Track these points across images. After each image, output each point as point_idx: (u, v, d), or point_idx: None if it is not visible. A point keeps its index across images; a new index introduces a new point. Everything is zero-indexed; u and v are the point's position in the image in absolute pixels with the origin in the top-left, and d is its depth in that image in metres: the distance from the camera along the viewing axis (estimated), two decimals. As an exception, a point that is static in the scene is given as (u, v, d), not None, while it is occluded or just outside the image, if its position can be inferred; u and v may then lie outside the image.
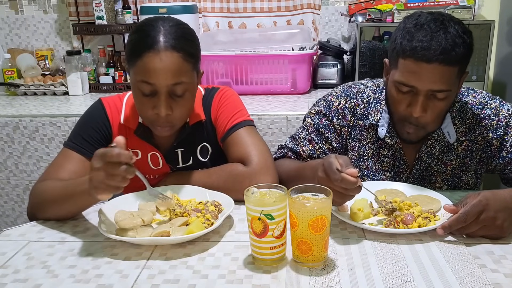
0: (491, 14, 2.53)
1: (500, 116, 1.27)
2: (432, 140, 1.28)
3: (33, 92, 2.60)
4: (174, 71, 1.12)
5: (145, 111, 1.16)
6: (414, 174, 1.32)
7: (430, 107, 1.15)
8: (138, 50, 1.12)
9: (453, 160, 1.31)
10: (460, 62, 1.12)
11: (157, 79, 1.11)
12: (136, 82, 1.14)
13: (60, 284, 0.89)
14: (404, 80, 1.14)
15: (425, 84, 1.12)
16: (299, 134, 1.41)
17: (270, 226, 0.90)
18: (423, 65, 1.10)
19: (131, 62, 1.14)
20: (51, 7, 2.82)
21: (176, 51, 1.11)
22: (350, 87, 1.38)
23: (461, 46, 1.11)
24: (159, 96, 1.13)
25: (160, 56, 1.10)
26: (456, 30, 1.11)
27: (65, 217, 1.15)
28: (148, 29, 1.13)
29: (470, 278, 0.87)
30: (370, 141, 1.34)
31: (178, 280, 0.89)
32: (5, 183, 2.31)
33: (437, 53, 1.09)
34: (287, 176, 1.26)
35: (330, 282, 0.87)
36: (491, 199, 0.98)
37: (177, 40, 1.12)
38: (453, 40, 1.10)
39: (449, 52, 1.09)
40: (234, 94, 1.37)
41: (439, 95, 1.14)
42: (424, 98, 1.14)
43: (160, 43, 1.10)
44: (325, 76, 2.51)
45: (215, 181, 1.23)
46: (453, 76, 1.13)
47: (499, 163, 1.30)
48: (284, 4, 2.68)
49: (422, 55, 1.10)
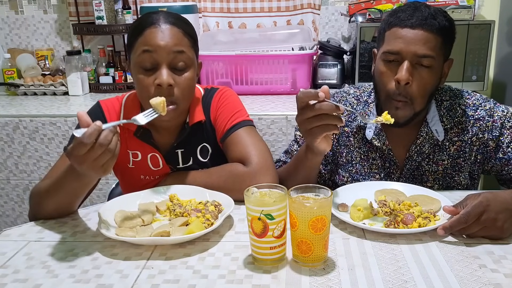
0: (491, 14, 2.53)
1: (495, 117, 1.28)
2: (421, 138, 1.29)
3: (33, 92, 2.61)
4: (175, 40, 1.17)
5: (147, 89, 1.16)
6: (405, 174, 1.33)
7: (416, 76, 1.19)
8: (139, 29, 1.18)
9: (444, 160, 1.31)
10: (443, 33, 1.18)
11: (159, 46, 1.15)
12: (137, 57, 1.16)
13: (60, 284, 0.89)
14: (390, 48, 1.20)
15: (409, 47, 1.17)
16: (291, 148, 1.46)
17: (270, 226, 0.90)
18: (407, 30, 1.18)
19: (132, 43, 1.19)
20: (51, 7, 2.82)
21: (177, 27, 1.18)
22: (333, 97, 1.42)
23: (443, 19, 1.19)
24: (161, 67, 1.16)
25: (161, 29, 1.16)
26: (438, 9, 1.20)
27: (62, 211, 1.15)
28: (148, 14, 1.20)
29: (470, 278, 0.87)
30: (358, 145, 1.36)
31: (178, 280, 0.89)
32: (5, 183, 2.31)
33: (420, 19, 1.17)
34: (286, 171, 1.28)
35: (330, 282, 0.87)
36: (491, 200, 0.99)
37: (176, 19, 1.20)
38: (435, 12, 1.19)
39: (431, 19, 1.17)
40: (233, 94, 1.37)
41: (424, 61, 1.18)
42: (410, 65, 1.18)
43: (160, 20, 1.17)
44: (325, 76, 2.51)
45: (215, 181, 1.23)
46: (437, 45, 1.18)
47: (495, 164, 1.30)
48: (284, 4, 2.68)
49: (406, 22, 1.18)
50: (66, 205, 1.14)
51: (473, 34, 2.17)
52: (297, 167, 1.23)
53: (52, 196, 1.11)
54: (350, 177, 1.38)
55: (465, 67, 2.21)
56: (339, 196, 1.15)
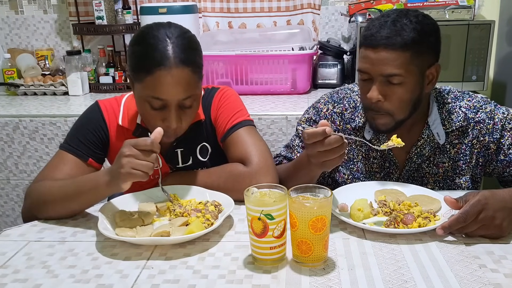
0: (491, 14, 2.52)
1: (496, 120, 1.28)
2: (422, 141, 1.29)
3: (33, 92, 2.60)
4: (185, 86, 1.12)
5: (154, 123, 1.16)
6: (404, 175, 1.33)
7: (388, 93, 1.19)
8: (147, 66, 1.10)
9: (445, 163, 1.31)
10: (410, 47, 1.15)
11: (168, 95, 1.11)
12: (146, 97, 1.13)
13: (60, 284, 0.89)
14: (360, 67, 1.22)
15: (375, 69, 1.17)
16: (292, 142, 1.44)
17: (270, 226, 0.90)
18: (371, 50, 1.17)
19: (139, 76, 1.13)
20: (51, 7, 2.82)
21: (186, 65, 1.11)
22: (337, 93, 1.41)
23: (411, 32, 1.14)
24: (169, 109, 1.14)
25: (171, 72, 1.10)
26: (410, 20, 1.16)
27: (69, 216, 1.16)
28: (154, 42, 1.11)
29: (470, 278, 0.87)
30: (359, 144, 1.36)
31: (178, 280, 0.89)
32: (5, 183, 2.31)
33: (382, 38, 1.15)
34: (285, 173, 1.28)
35: (330, 282, 0.87)
36: (490, 198, 0.99)
37: (185, 53, 1.12)
38: (401, 27, 1.15)
39: (394, 37, 1.14)
40: (234, 94, 1.37)
41: (392, 80, 1.17)
42: (379, 84, 1.19)
43: (170, 59, 1.09)
44: (325, 76, 2.51)
45: (215, 181, 1.23)
46: (405, 61, 1.16)
47: (497, 166, 1.30)
48: (284, 4, 2.68)
49: (369, 41, 1.17)
50: (77, 212, 1.17)
51: (473, 34, 2.17)
52: (297, 172, 1.22)
53: (66, 202, 1.12)
54: (351, 175, 1.38)
55: (465, 67, 2.21)
56: (339, 196, 1.15)
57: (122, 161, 1.00)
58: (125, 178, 1.01)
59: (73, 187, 1.11)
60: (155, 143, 1.01)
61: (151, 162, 1.00)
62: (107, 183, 1.05)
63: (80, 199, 1.11)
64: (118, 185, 1.03)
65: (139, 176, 1.00)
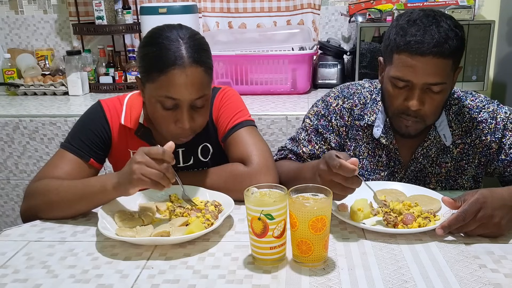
0: (491, 14, 2.53)
1: (498, 119, 1.28)
2: (429, 142, 1.29)
3: (33, 92, 2.61)
4: (198, 86, 1.13)
5: (167, 125, 1.17)
6: (409, 175, 1.33)
7: (427, 100, 1.17)
8: (161, 66, 1.11)
9: (448, 163, 1.31)
10: (454, 55, 1.14)
11: (182, 94, 1.12)
12: (158, 97, 1.13)
13: (60, 284, 0.89)
14: (400, 75, 1.16)
15: (420, 78, 1.14)
16: (298, 135, 1.41)
17: (270, 226, 0.90)
18: (417, 59, 1.12)
19: (151, 76, 1.13)
20: (51, 7, 2.82)
21: (200, 65, 1.12)
22: (348, 88, 1.39)
23: (454, 39, 1.12)
24: (182, 109, 1.14)
25: (186, 72, 1.10)
26: (448, 24, 1.13)
27: (73, 216, 1.16)
28: (167, 43, 1.11)
29: (470, 278, 0.87)
30: (366, 141, 1.35)
31: (178, 280, 0.89)
32: (5, 183, 2.31)
33: (431, 46, 1.11)
34: (287, 177, 1.26)
35: (330, 282, 0.87)
36: (488, 197, 0.99)
37: (198, 53, 1.13)
38: (445, 33, 1.12)
39: (442, 44, 1.11)
40: (235, 94, 1.37)
41: (434, 88, 1.15)
42: (420, 92, 1.16)
43: (184, 59, 1.10)
44: (325, 76, 2.51)
45: (216, 181, 1.23)
46: (448, 69, 1.14)
47: (498, 166, 1.30)
48: (284, 4, 2.68)
49: (416, 48, 1.12)
50: (81, 213, 1.17)
51: (473, 34, 2.17)
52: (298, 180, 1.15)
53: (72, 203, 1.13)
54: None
55: (465, 67, 2.21)
56: (339, 196, 1.15)
57: (133, 166, 1.01)
58: (135, 184, 1.02)
59: (81, 188, 1.12)
60: (167, 153, 1.01)
61: (162, 171, 1.00)
62: (115, 186, 1.06)
63: (86, 200, 1.12)
64: (126, 189, 1.04)
65: (148, 184, 1.01)
